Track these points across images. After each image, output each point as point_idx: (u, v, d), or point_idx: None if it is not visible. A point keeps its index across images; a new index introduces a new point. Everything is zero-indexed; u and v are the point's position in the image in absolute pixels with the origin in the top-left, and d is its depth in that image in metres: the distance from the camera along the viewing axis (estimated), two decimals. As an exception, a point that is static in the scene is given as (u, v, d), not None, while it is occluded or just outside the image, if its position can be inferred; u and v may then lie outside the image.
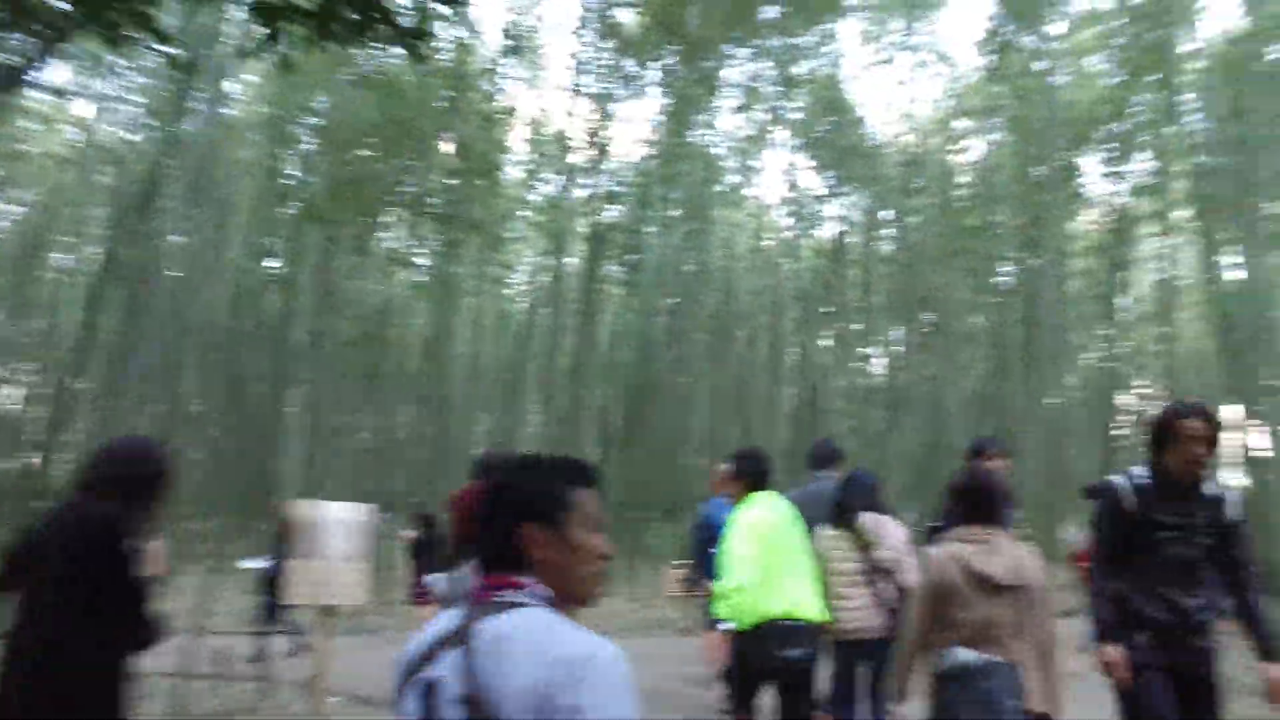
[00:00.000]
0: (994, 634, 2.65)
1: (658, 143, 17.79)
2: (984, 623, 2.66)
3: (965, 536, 2.81)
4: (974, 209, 17.61)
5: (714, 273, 20.49)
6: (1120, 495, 2.80)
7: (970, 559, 2.71)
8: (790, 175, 19.00)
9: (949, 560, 2.75)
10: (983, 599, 2.67)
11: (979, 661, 2.62)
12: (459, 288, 21.15)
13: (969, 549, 2.75)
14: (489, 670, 1.08)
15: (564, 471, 1.26)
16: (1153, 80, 16.57)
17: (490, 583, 1.19)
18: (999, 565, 2.70)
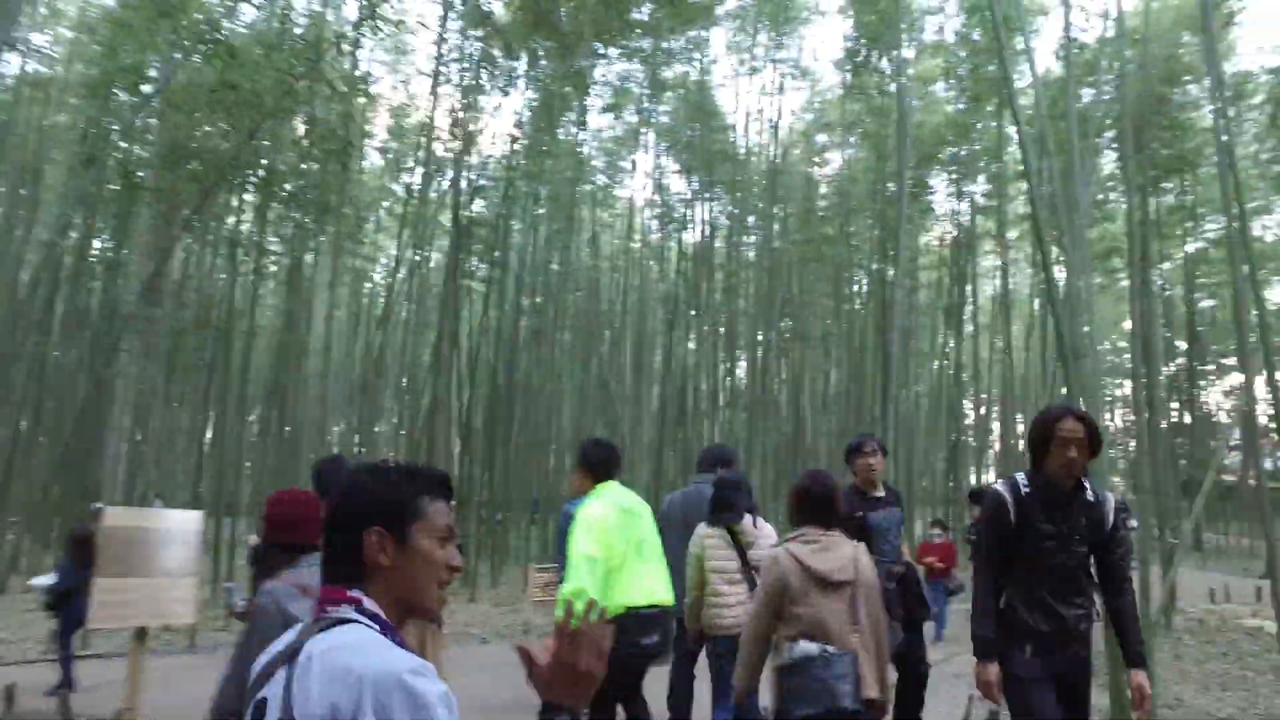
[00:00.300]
0: (830, 627, 2.83)
1: (525, 138, 17.45)
2: (820, 616, 2.84)
3: (801, 536, 2.98)
4: (832, 219, 18.43)
5: (581, 272, 20.40)
6: (1002, 503, 2.83)
7: (806, 558, 2.89)
8: (657, 178, 19.20)
9: (787, 559, 2.91)
10: (818, 594, 2.86)
11: (819, 652, 2.77)
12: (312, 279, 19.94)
13: (805, 548, 2.93)
14: (300, 690, 1.04)
15: (414, 480, 1.21)
16: (989, 110, 18.05)
17: (327, 595, 1.15)
18: (832, 563, 2.90)
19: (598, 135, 20.96)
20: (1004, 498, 2.81)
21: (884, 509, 4.10)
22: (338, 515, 1.18)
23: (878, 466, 4.14)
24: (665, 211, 20.21)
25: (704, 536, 3.99)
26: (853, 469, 4.16)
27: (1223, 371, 25.50)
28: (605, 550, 3.29)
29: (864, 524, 3.84)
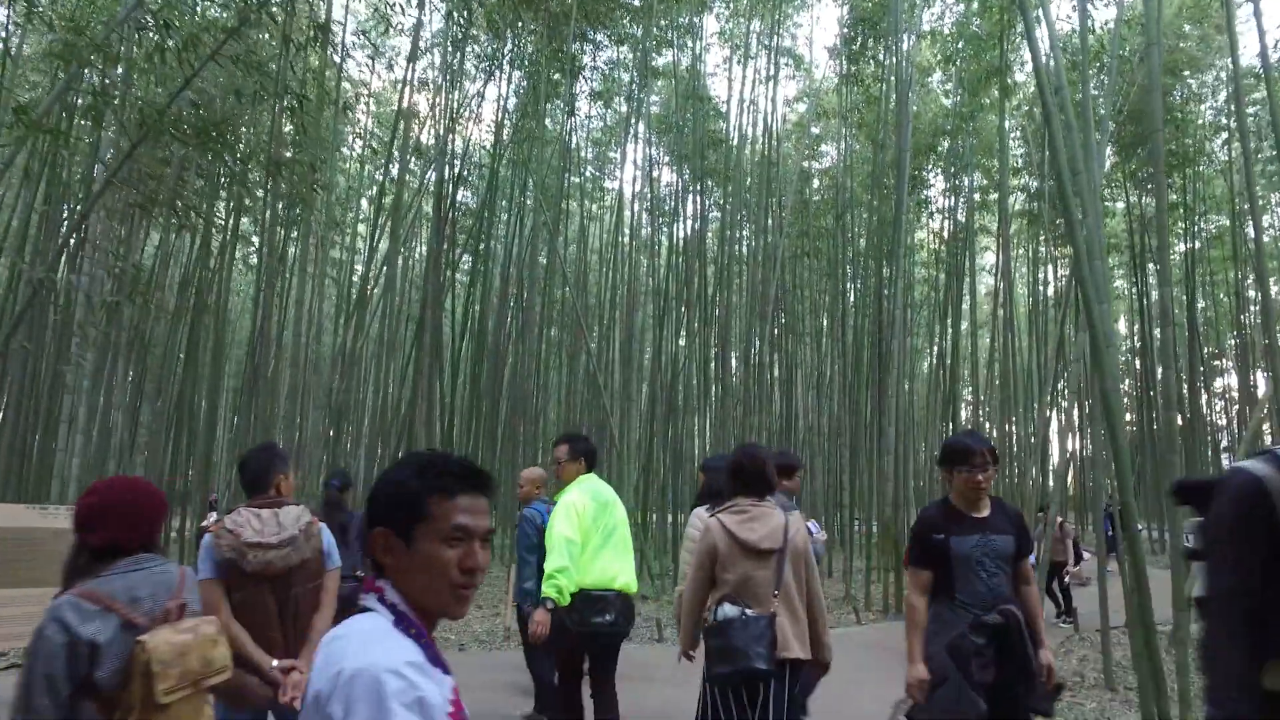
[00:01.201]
0: (753, 591, 3.04)
1: (511, 125, 16.92)
2: (744, 581, 3.05)
3: (733, 508, 3.19)
4: (827, 211, 17.99)
5: (569, 265, 19.88)
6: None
7: (734, 527, 3.11)
8: (647, 169, 18.72)
9: (717, 528, 3.14)
10: (744, 561, 3.07)
11: (737, 615, 2.96)
12: (292, 268, 19.34)
13: (734, 518, 3.14)
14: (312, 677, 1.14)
15: (425, 476, 1.22)
16: (986, 104, 17.68)
17: (367, 584, 1.22)
18: (759, 532, 3.09)
19: (587, 124, 20.48)
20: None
21: (981, 533, 3.08)
22: (367, 509, 1.24)
23: (985, 483, 3.13)
24: (655, 203, 19.73)
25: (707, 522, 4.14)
26: (949, 481, 3.21)
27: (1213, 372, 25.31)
28: (581, 535, 3.78)
29: (945, 551, 3.06)
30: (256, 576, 2.86)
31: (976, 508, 3.13)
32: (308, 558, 2.98)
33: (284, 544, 2.90)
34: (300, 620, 2.97)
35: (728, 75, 17.72)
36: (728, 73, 17.95)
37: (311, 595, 3.01)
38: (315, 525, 3.06)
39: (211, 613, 2.76)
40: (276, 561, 2.88)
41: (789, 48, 17.28)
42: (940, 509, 3.18)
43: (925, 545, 3.11)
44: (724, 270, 16.89)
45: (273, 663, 2.83)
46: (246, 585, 2.86)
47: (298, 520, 2.98)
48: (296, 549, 2.94)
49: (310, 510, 3.12)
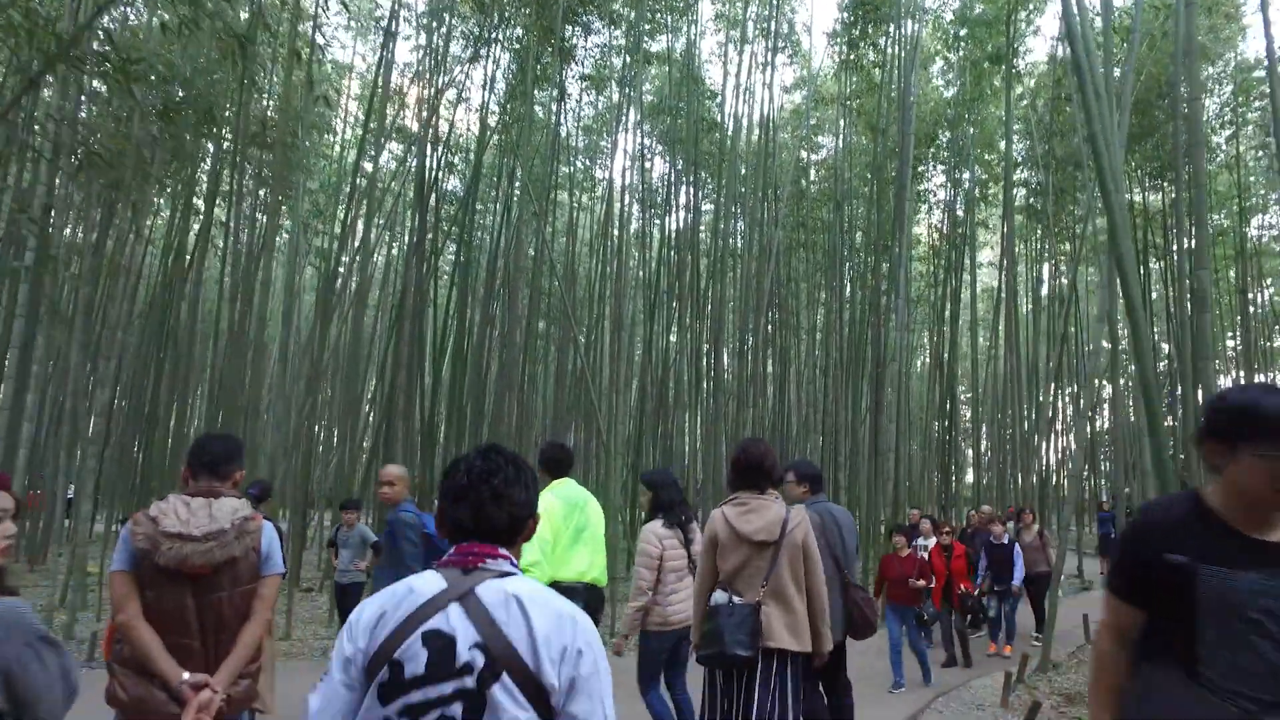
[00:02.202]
0: (745, 580, 3.15)
1: (499, 109, 16.38)
2: (738, 570, 3.18)
3: (734, 500, 3.30)
4: (824, 202, 17.52)
5: (557, 256, 19.36)
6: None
7: (733, 519, 3.22)
8: (639, 159, 18.19)
9: (719, 518, 3.27)
10: (740, 551, 3.18)
11: (725, 601, 3.10)
12: (267, 256, 18.79)
13: (734, 510, 3.25)
14: (505, 621, 1.34)
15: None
16: (988, 94, 17.24)
17: (480, 550, 1.43)
18: (756, 524, 3.18)
19: (578, 110, 19.95)
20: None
21: (1270, 569, 1.62)
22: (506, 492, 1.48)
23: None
24: (647, 193, 19.23)
25: (663, 537, 4.23)
26: (1222, 468, 1.70)
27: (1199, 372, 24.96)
28: (552, 534, 4.10)
29: (1187, 586, 1.64)
30: (173, 573, 2.48)
31: (1269, 524, 1.64)
32: (237, 557, 2.58)
33: (208, 538, 2.53)
34: (224, 629, 2.57)
35: (723, 61, 17.18)
36: (723, 59, 17.37)
37: (240, 601, 2.61)
38: (255, 522, 2.68)
39: (119, 609, 2.48)
40: (195, 557, 2.49)
41: (786, 33, 16.75)
42: (1188, 510, 1.72)
43: (1145, 566, 1.71)
44: (717, 263, 16.40)
45: (183, 676, 2.44)
46: (162, 582, 2.48)
47: (233, 514, 2.61)
48: (224, 545, 2.55)
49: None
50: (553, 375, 20.10)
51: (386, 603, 1.39)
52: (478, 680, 1.31)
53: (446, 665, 1.32)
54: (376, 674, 1.33)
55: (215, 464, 2.73)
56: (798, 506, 3.38)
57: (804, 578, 3.20)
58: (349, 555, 7.30)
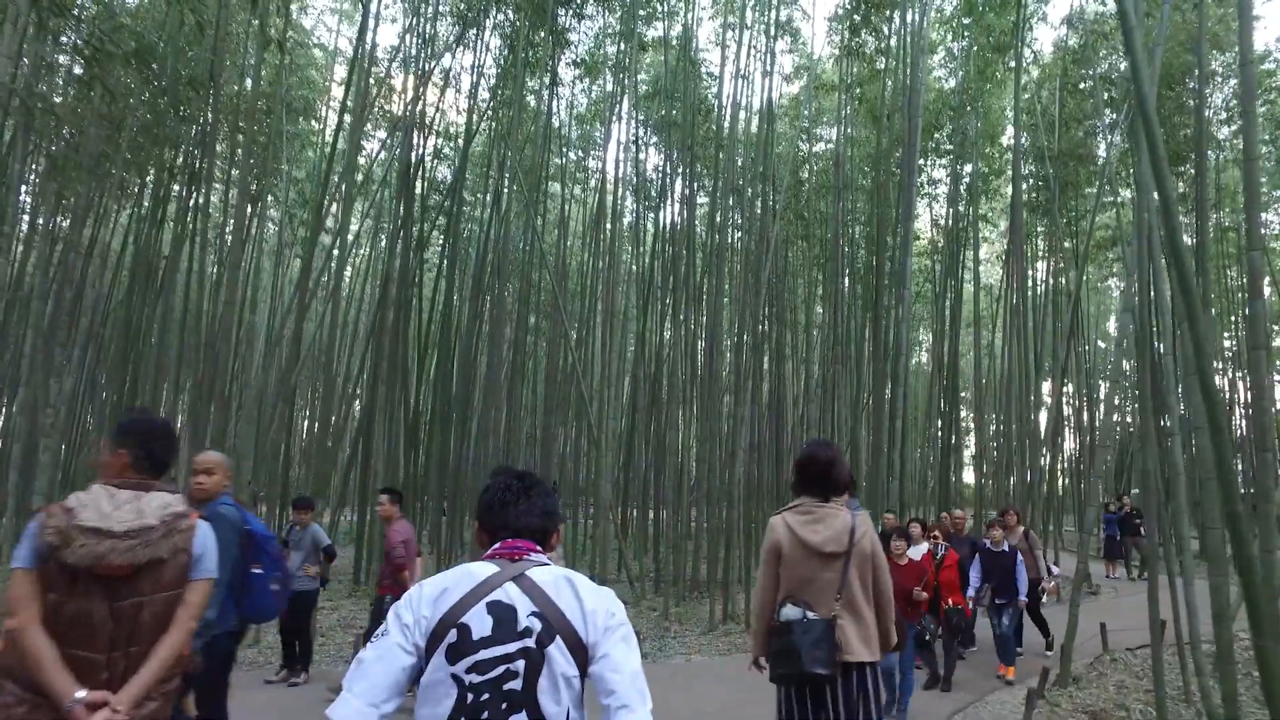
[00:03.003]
0: (815, 593, 3.00)
1: (489, 95, 15.85)
2: (806, 582, 3.03)
3: (797, 507, 3.13)
4: (824, 194, 17.04)
5: (549, 248, 18.85)
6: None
7: (797, 528, 3.06)
8: (633, 150, 17.69)
9: (781, 526, 3.11)
10: (807, 562, 3.03)
11: (798, 617, 2.96)
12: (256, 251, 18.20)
13: (798, 518, 3.09)
14: (558, 596, 1.64)
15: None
16: (992, 85, 16.79)
17: (523, 545, 1.75)
18: (823, 534, 3.02)
19: (570, 96, 19.43)
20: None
21: None
22: (544, 510, 1.85)
23: None
24: (642, 184, 18.73)
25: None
26: None
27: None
28: None
29: None
30: (84, 574, 2.13)
31: None
32: (163, 558, 2.26)
33: (131, 535, 2.20)
34: (138, 639, 2.21)
35: (721, 47, 16.61)
36: (721, 45, 16.84)
37: (161, 608, 2.26)
38: (189, 521, 2.37)
39: (13, 612, 2.12)
40: (114, 556, 2.15)
41: (786, 21, 16.24)
42: None
43: None
44: (713, 255, 15.91)
45: (77, 693, 2.06)
46: (69, 584, 2.14)
47: (163, 509, 2.30)
48: (148, 544, 2.22)
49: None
50: (543, 370, 19.59)
51: (447, 580, 1.65)
52: (537, 641, 1.57)
53: (510, 629, 1.57)
54: (442, 638, 1.56)
55: (153, 455, 2.40)
56: (862, 513, 3.19)
57: (872, 586, 3.08)
58: (299, 558, 6.72)
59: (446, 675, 1.54)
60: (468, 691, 1.53)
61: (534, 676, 1.55)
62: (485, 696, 1.52)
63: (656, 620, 10.43)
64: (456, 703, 1.53)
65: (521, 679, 1.54)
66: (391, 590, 5.89)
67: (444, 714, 1.53)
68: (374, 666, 1.54)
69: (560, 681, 1.56)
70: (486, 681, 1.53)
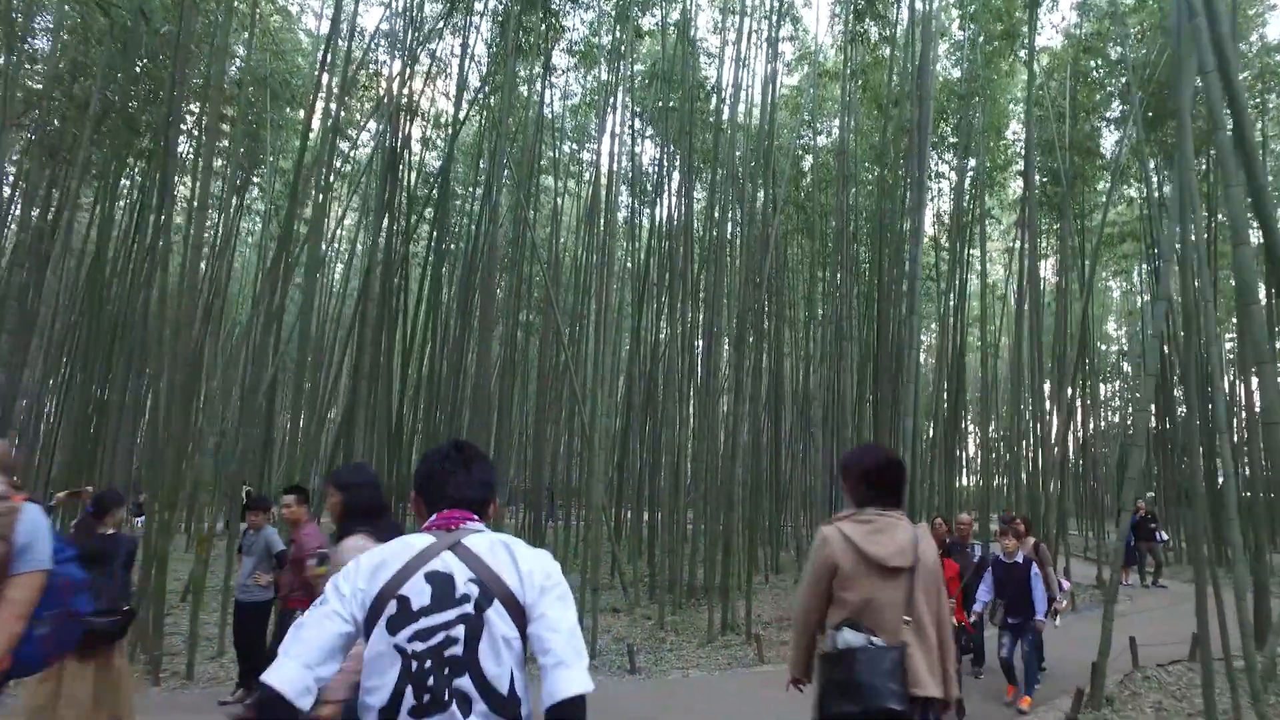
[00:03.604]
0: (879, 616, 2.57)
1: (480, 83, 15.27)
2: (868, 604, 2.58)
3: (855, 516, 2.71)
4: (826, 187, 16.50)
5: (541, 242, 18.28)
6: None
7: (859, 539, 2.62)
8: (629, 142, 17.13)
9: (838, 539, 2.65)
10: (871, 580, 2.58)
11: (864, 644, 2.54)
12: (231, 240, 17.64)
13: (859, 529, 2.66)
14: (494, 560, 1.66)
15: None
16: (1000, 77, 16.28)
17: (459, 515, 1.76)
18: (889, 546, 2.61)
19: (564, 86, 18.86)
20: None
21: None
22: (481, 480, 1.86)
23: None
24: (637, 176, 18.15)
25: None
26: None
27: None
28: None
29: None
30: None
31: None
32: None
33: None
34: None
35: (721, 33, 15.93)
36: (721, 30, 16.19)
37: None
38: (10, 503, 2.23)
39: None
40: None
41: (786, 5, 15.66)
42: None
43: None
44: (711, 249, 15.35)
45: None
46: None
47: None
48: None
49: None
50: (535, 367, 19.02)
51: (385, 553, 1.68)
52: (475, 606, 1.60)
53: (448, 596, 1.60)
54: (381, 610, 1.59)
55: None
56: (922, 524, 2.89)
57: (936, 609, 2.66)
58: (250, 565, 6.12)
59: (389, 647, 1.57)
60: (411, 660, 1.56)
61: (474, 641, 1.58)
62: (428, 664, 1.55)
63: (651, 630, 9.84)
64: (401, 672, 1.55)
65: (462, 644, 1.57)
66: (302, 604, 5.15)
67: (389, 684, 1.55)
68: (310, 631, 1.57)
69: (500, 643, 1.58)
70: (428, 649, 1.56)
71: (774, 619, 10.86)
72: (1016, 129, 18.82)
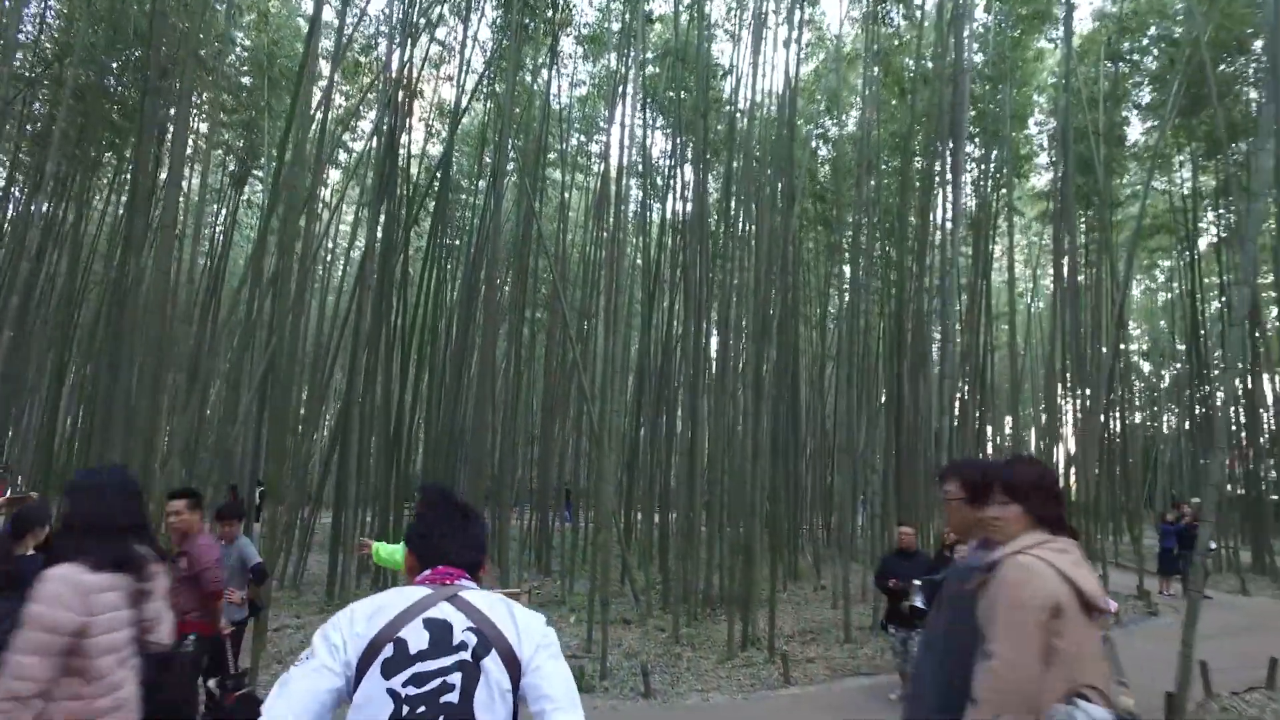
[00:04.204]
0: (1086, 673, 1.92)
1: (485, 72, 14.67)
2: (1079, 658, 1.92)
3: (1051, 544, 2.01)
4: (848, 175, 15.79)
5: (549, 236, 17.65)
6: None
7: (1072, 572, 1.97)
8: (639, 135, 16.48)
9: (1053, 575, 1.94)
10: (1087, 627, 1.96)
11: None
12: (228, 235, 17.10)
13: (1063, 558, 1.98)
14: (492, 612, 1.65)
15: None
16: (1027, 61, 15.58)
17: (453, 573, 1.74)
18: (1095, 583, 2.01)
19: (572, 75, 18.23)
20: None
21: None
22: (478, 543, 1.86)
23: None
24: (648, 168, 17.50)
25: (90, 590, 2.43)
26: None
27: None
28: None
29: None
30: None
31: None
32: None
33: None
34: None
35: (739, 11, 15.21)
36: (739, 10, 15.48)
37: None
38: None
39: None
40: None
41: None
42: None
43: None
44: (724, 244, 14.69)
45: None
46: None
47: None
48: None
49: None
50: (542, 364, 18.39)
51: (381, 599, 1.65)
52: (472, 655, 1.58)
53: (446, 643, 1.58)
54: (377, 653, 1.54)
55: None
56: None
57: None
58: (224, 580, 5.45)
59: (382, 690, 1.53)
60: (404, 704, 1.52)
61: (470, 689, 1.55)
62: (421, 710, 1.51)
63: (665, 644, 9.17)
64: (392, 717, 1.50)
65: (458, 691, 1.54)
66: (200, 628, 4.38)
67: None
68: (298, 685, 1.52)
69: (496, 694, 1.56)
70: (423, 695, 1.52)
71: (795, 632, 10.19)
72: (1040, 117, 18.13)
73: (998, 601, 1.95)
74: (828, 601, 12.56)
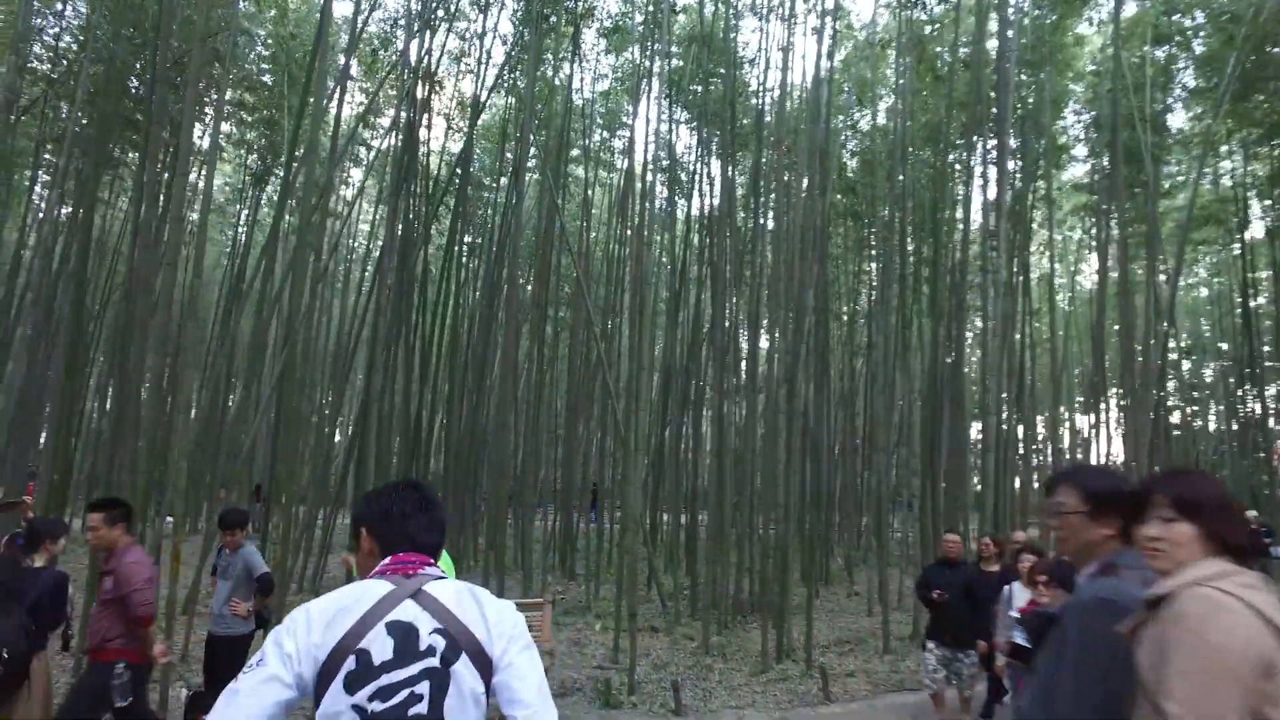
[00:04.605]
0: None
1: (506, 63, 14.36)
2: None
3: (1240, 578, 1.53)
4: (880, 167, 15.29)
5: (571, 232, 17.33)
6: None
7: (1271, 612, 1.48)
8: (663, 131, 16.09)
9: (1252, 617, 1.46)
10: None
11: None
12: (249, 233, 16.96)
13: (1261, 598, 1.50)
14: (460, 609, 1.55)
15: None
16: (1066, 47, 14.97)
17: (416, 560, 1.64)
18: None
19: (594, 68, 17.88)
20: None
21: None
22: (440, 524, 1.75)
23: None
24: (675, 162, 17.10)
25: None
26: None
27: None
28: None
29: None
30: None
31: None
32: None
33: None
34: None
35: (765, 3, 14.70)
36: (765, 4, 14.97)
37: None
38: None
39: None
40: None
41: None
42: None
43: None
44: (753, 238, 14.25)
45: None
46: None
47: None
48: None
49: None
50: (566, 363, 18.07)
51: (339, 601, 1.51)
52: (441, 660, 1.48)
53: (412, 650, 1.48)
54: (338, 667, 1.44)
55: None
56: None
57: None
58: (225, 590, 5.05)
59: (346, 706, 1.44)
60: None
61: (440, 697, 1.47)
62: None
63: (695, 655, 8.77)
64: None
65: (427, 701, 1.45)
66: (128, 655, 3.97)
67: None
68: (245, 699, 1.41)
69: (469, 699, 1.49)
70: (390, 709, 1.43)
71: (831, 642, 9.75)
72: (1076, 106, 17.48)
73: (1175, 645, 1.47)
74: (863, 608, 12.10)
